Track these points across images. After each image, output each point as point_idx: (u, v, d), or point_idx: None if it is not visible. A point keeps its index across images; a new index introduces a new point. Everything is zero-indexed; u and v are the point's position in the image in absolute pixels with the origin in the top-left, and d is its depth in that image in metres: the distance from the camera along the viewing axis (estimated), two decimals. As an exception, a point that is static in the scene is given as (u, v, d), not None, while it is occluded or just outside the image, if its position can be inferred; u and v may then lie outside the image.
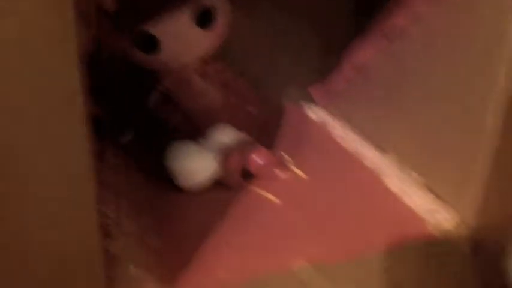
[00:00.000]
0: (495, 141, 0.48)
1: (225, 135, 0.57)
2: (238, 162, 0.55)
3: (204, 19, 0.56)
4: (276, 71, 0.71)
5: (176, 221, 0.53)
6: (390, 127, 0.63)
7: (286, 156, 0.61)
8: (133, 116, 0.63)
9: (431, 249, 0.52)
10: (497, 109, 0.46)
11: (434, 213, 0.55)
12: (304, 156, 0.62)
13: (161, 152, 0.57)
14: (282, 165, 0.59)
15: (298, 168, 0.60)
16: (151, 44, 0.54)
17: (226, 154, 0.55)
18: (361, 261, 0.49)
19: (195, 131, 0.59)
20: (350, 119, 0.68)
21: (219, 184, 0.56)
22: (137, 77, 0.62)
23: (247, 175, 0.57)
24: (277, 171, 0.58)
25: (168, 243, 0.50)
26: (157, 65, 0.59)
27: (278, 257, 0.49)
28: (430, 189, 0.58)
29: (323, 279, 0.48)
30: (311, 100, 0.73)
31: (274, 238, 0.51)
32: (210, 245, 0.50)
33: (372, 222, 0.54)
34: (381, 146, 0.63)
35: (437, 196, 0.56)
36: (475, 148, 0.50)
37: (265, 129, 0.63)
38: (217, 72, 0.61)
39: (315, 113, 0.71)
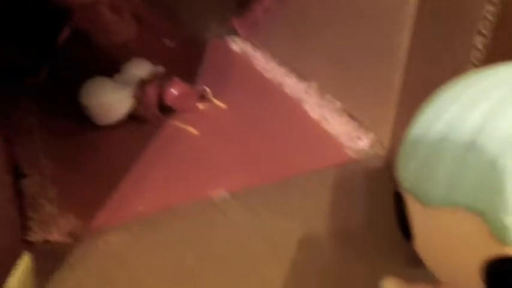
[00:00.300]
0: (406, 64, 0.48)
1: (140, 69, 0.56)
2: (154, 95, 0.54)
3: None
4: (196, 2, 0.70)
5: (94, 158, 0.52)
6: (310, 55, 0.63)
7: (206, 88, 0.60)
8: (45, 56, 0.60)
9: (350, 171, 0.52)
10: (408, 30, 0.46)
11: (353, 137, 0.56)
12: (225, 87, 0.62)
13: (76, 90, 0.55)
14: (201, 97, 0.58)
15: (218, 99, 0.59)
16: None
17: (141, 88, 0.53)
18: (281, 186, 0.50)
19: (109, 66, 0.57)
20: (272, 49, 0.68)
21: (136, 119, 0.55)
22: (47, 14, 0.59)
23: (165, 108, 0.56)
24: (195, 103, 0.57)
25: (86, 181, 0.49)
26: (68, 1, 0.56)
27: (197, 187, 0.48)
28: (350, 115, 0.58)
29: (242, 206, 0.48)
30: (234, 33, 0.71)
31: (193, 169, 0.50)
32: (128, 179, 0.49)
33: (292, 148, 0.54)
34: (302, 74, 0.63)
35: (356, 120, 0.57)
36: (390, 72, 0.50)
37: (183, 62, 0.61)
38: (129, 5, 0.59)
39: (238, 45, 0.71)
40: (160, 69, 0.56)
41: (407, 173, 0.20)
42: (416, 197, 0.19)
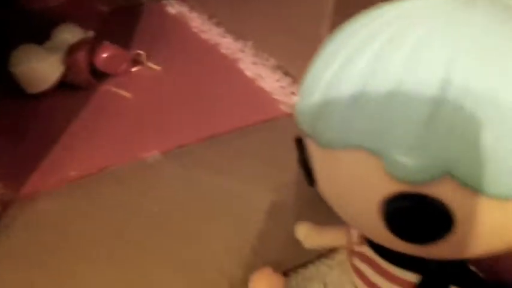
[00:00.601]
0: (333, 19, 0.49)
1: (70, 35, 0.55)
2: (84, 60, 0.53)
3: None
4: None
5: (24, 126, 0.51)
6: (246, 15, 0.63)
7: (140, 52, 0.59)
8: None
9: (284, 125, 0.53)
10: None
11: (287, 93, 0.56)
12: (160, 50, 0.61)
13: (3, 57, 0.53)
14: (135, 60, 0.58)
15: (153, 62, 0.59)
16: None
17: (71, 53, 0.53)
18: (215, 144, 0.50)
19: (38, 32, 0.55)
20: (208, 10, 0.67)
21: (68, 85, 0.54)
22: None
23: (98, 73, 0.55)
24: (129, 67, 0.57)
25: (16, 148, 0.49)
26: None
27: (130, 150, 0.49)
28: (284, 71, 0.59)
29: (175, 165, 0.48)
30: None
31: (125, 132, 0.50)
32: (59, 145, 0.49)
33: (227, 107, 0.54)
34: (238, 34, 0.63)
35: (290, 76, 0.58)
36: (318, 27, 0.51)
37: (117, 26, 0.60)
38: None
39: (174, 8, 0.70)
40: (91, 34, 0.55)
41: (305, 117, 0.20)
42: (314, 139, 0.19)
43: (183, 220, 0.44)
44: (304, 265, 0.42)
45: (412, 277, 0.22)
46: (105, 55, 0.53)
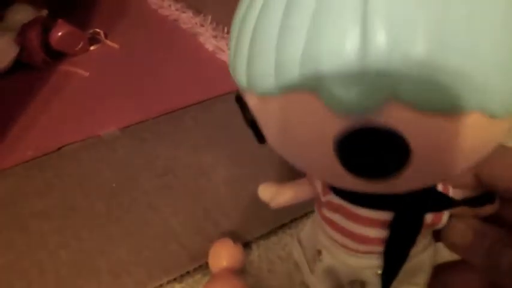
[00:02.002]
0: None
1: (23, 14, 0.54)
2: (36, 39, 0.52)
3: None
4: None
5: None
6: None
7: (98, 30, 0.58)
8: None
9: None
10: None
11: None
12: (119, 27, 0.60)
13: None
14: (93, 38, 0.57)
15: (111, 40, 0.58)
16: None
17: (23, 33, 0.52)
18: (172, 118, 0.50)
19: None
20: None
21: (24, 66, 0.53)
22: None
23: (54, 53, 0.54)
24: (86, 45, 0.56)
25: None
26: None
27: (86, 127, 0.48)
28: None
29: (132, 141, 0.48)
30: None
31: (82, 110, 0.50)
32: (15, 125, 0.48)
33: (185, 81, 0.54)
34: (197, 8, 0.63)
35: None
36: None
37: (73, 5, 0.59)
38: None
39: (134, -15, 0.69)
40: (45, 12, 0.54)
41: (239, 70, 0.18)
42: (251, 91, 0.18)
43: (141, 195, 0.44)
44: (265, 236, 0.41)
45: (384, 215, 0.22)
46: (59, 33, 0.52)
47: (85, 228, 0.42)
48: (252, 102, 0.19)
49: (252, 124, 0.20)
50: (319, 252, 0.27)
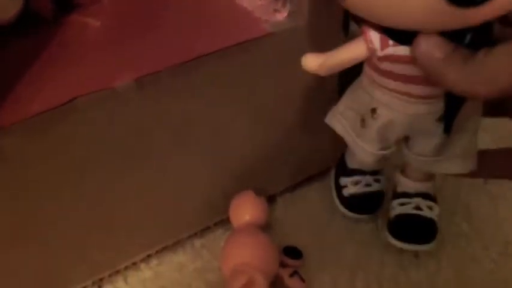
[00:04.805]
0: None
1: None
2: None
3: None
4: None
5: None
6: None
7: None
8: None
9: (267, 44, 0.49)
10: None
11: (270, 10, 0.52)
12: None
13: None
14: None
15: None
16: None
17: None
18: (188, 68, 0.46)
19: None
20: None
21: (32, 16, 0.50)
22: None
23: (64, 2, 0.51)
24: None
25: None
26: None
27: (99, 79, 0.45)
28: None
29: (147, 93, 0.46)
30: None
31: (94, 61, 0.47)
32: (24, 79, 0.45)
33: (204, 29, 0.51)
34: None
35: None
36: None
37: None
38: None
39: None
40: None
41: None
42: None
43: (157, 150, 0.41)
44: (291, 189, 0.39)
45: None
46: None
47: (99, 185, 0.39)
48: None
49: None
50: (374, 111, 0.28)
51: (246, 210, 0.34)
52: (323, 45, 0.30)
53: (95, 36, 0.49)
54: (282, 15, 0.51)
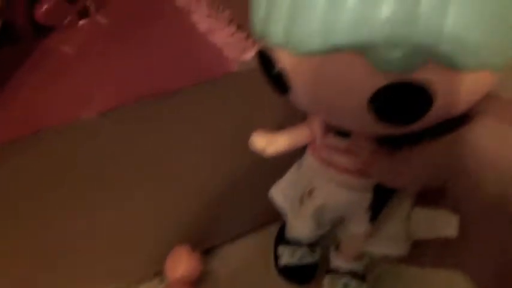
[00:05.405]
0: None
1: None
2: (23, 12, 0.50)
3: None
4: None
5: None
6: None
7: (88, 3, 0.56)
8: None
9: (235, 85, 0.51)
10: None
11: (239, 49, 0.54)
12: (110, 2, 0.58)
13: None
14: (83, 12, 0.55)
15: (102, 13, 0.56)
16: None
17: (8, 5, 0.50)
18: (154, 102, 0.48)
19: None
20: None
21: (7, 40, 0.52)
22: None
23: (40, 27, 0.52)
24: (74, 19, 0.54)
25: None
26: None
27: (66, 109, 0.47)
28: (238, 25, 0.56)
29: (113, 124, 0.47)
30: None
31: (63, 90, 0.49)
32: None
33: (174, 63, 0.52)
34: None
35: (244, 31, 0.55)
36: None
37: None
38: None
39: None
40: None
41: (277, 28, 0.19)
42: (290, 49, 0.19)
43: (113, 179, 0.43)
44: (227, 243, 0.40)
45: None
46: (45, 7, 0.50)
47: (52, 221, 0.41)
48: (285, 58, 0.20)
49: (277, 78, 0.21)
50: (311, 192, 0.29)
51: (179, 265, 0.36)
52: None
53: (66, 64, 0.51)
54: (250, 54, 0.53)
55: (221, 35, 0.55)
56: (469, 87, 0.19)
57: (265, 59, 0.21)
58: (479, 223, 0.21)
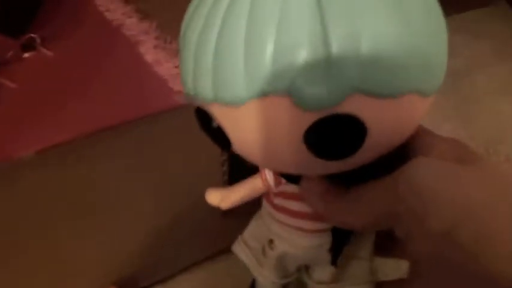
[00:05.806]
0: None
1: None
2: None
3: None
4: None
5: None
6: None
7: (34, 36, 0.56)
8: None
9: (180, 119, 0.50)
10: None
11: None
12: (58, 33, 0.58)
13: None
14: (27, 46, 0.55)
15: (48, 46, 0.56)
16: None
17: None
18: (95, 139, 0.48)
19: None
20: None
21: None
22: None
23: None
24: (19, 53, 0.54)
25: None
26: None
27: (4, 147, 0.46)
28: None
29: (52, 162, 0.46)
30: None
31: (1, 127, 0.48)
32: None
33: (119, 97, 0.52)
34: (145, 13, 0.60)
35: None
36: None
37: (9, 12, 0.56)
38: None
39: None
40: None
41: (205, 84, 0.19)
42: (220, 102, 0.19)
43: (54, 219, 0.42)
44: (163, 281, 0.40)
45: None
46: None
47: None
48: (218, 112, 0.20)
49: (217, 133, 0.21)
50: (271, 242, 0.30)
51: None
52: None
53: (7, 99, 0.50)
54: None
55: (167, 67, 0.54)
56: (400, 113, 0.19)
57: (202, 116, 0.21)
58: (428, 262, 0.20)
